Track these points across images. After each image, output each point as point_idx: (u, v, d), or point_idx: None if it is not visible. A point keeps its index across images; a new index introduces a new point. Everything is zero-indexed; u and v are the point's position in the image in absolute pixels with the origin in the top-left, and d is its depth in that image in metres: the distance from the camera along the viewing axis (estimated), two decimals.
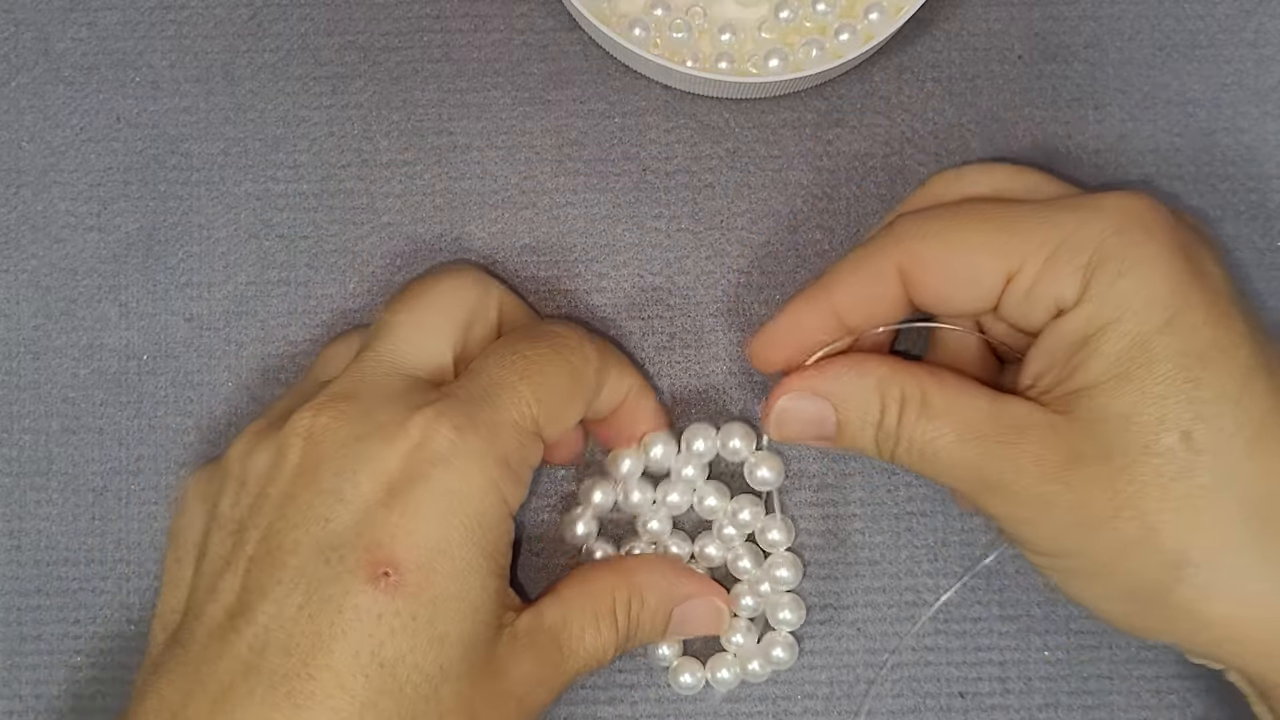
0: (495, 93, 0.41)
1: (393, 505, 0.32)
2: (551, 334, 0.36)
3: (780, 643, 0.39)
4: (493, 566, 0.33)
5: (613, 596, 0.36)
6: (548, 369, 0.35)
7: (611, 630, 0.36)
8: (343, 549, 0.32)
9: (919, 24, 0.41)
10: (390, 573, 0.32)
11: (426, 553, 0.32)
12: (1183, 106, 0.41)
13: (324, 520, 0.32)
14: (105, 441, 0.41)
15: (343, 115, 0.41)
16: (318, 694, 0.31)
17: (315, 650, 0.31)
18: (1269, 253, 0.41)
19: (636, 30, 0.39)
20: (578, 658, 0.36)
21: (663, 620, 0.38)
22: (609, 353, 0.38)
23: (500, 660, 0.33)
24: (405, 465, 0.32)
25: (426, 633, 0.32)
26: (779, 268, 0.41)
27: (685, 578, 0.38)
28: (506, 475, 0.34)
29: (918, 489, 0.40)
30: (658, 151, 0.41)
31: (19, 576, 0.40)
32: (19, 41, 0.41)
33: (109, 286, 0.41)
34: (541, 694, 0.35)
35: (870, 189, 0.41)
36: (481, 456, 0.33)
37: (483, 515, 0.33)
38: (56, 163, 0.41)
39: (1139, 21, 0.41)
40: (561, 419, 0.35)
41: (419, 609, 0.32)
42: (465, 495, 0.33)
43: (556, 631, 0.35)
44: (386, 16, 0.41)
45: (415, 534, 0.32)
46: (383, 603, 0.31)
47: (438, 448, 0.33)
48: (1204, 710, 0.40)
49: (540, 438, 0.35)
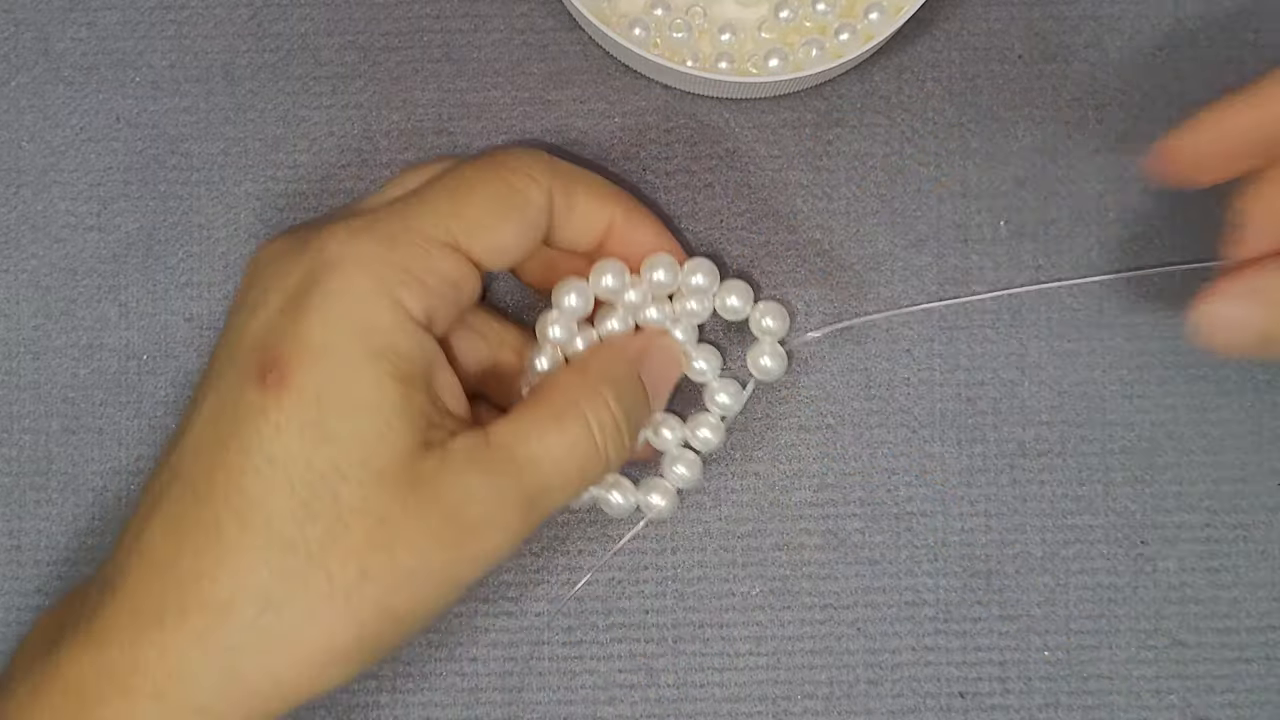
0: (495, 93, 0.41)
1: (287, 311, 0.33)
2: (496, 154, 0.36)
3: (769, 355, 0.39)
4: (389, 369, 0.33)
5: (571, 389, 0.35)
6: (476, 184, 0.35)
7: (580, 426, 0.34)
8: (242, 354, 0.33)
9: (919, 24, 0.41)
10: (275, 371, 0.32)
11: (310, 352, 0.32)
12: (1183, 106, 0.41)
13: (238, 331, 0.34)
14: (105, 441, 0.41)
15: (343, 115, 0.41)
16: (215, 492, 0.32)
17: (216, 451, 0.32)
18: None
19: (636, 30, 0.39)
20: (542, 469, 0.34)
21: (637, 385, 0.36)
22: (576, 176, 0.36)
23: (425, 475, 0.32)
24: (305, 274, 0.33)
25: (314, 431, 0.32)
26: (779, 268, 0.41)
27: (630, 339, 0.38)
28: (406, 280, 0.33)
29: (918, 489, 0.40)
30: (658, 151, 0.41)
31: (19, 576, 0.40)
32: (19, 41, 0.41)
33: (109, 286, 0.41)
34: (490, 511, 0.33)
35: (870, 189, 0.41)
36: (373, 260, 0.33)
37: (371, 316, 0.33)
38: (56, 163, 0.41)
39: (1139, 21, 0.41)
40: (493, 237, 0.34)
41: (303, 406, 0.32)
42: (351, 295, 0.33)
43: (509, 447, 0.34)
44: (386, 16, 0.41)
45: (300, 335, 0.32)
46: (269, 400, 0.32)
47: (331, 253, 0.33)
48: (1204, 710, 0.40)
49: (461, 253, 0.34)
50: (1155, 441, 0.40)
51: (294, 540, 0.32)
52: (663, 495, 0.38)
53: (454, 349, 0.37)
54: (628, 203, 0.38)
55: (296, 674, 0.32)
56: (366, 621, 0.32)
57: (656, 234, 0.38)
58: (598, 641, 0.40)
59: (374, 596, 0.32)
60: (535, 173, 0.35)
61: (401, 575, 0.32)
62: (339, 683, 0.33)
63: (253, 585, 0.32)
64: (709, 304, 0.38)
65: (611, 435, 0.35)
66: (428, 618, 0.34)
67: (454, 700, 0.40)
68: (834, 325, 0.36)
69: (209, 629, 0.31)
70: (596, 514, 0.40)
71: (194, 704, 0.31)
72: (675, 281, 0.38)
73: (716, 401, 0.39)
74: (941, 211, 0.41)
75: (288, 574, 0.32)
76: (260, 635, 0.32)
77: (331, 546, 0.32)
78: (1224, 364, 0.41)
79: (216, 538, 0.32)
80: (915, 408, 0.41)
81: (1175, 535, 0.40)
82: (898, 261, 0.41)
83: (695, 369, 0.39)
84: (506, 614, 0.41)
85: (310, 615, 0.32)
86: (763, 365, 0.39)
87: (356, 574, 0.32)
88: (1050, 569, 0.40)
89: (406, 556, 0.32)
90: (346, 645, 0.32)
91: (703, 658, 0.40)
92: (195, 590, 0.32)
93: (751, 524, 0.41)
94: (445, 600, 0.34)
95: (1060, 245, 0.41)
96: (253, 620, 0.32)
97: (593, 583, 0.40)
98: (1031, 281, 0.41)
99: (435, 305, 0.34)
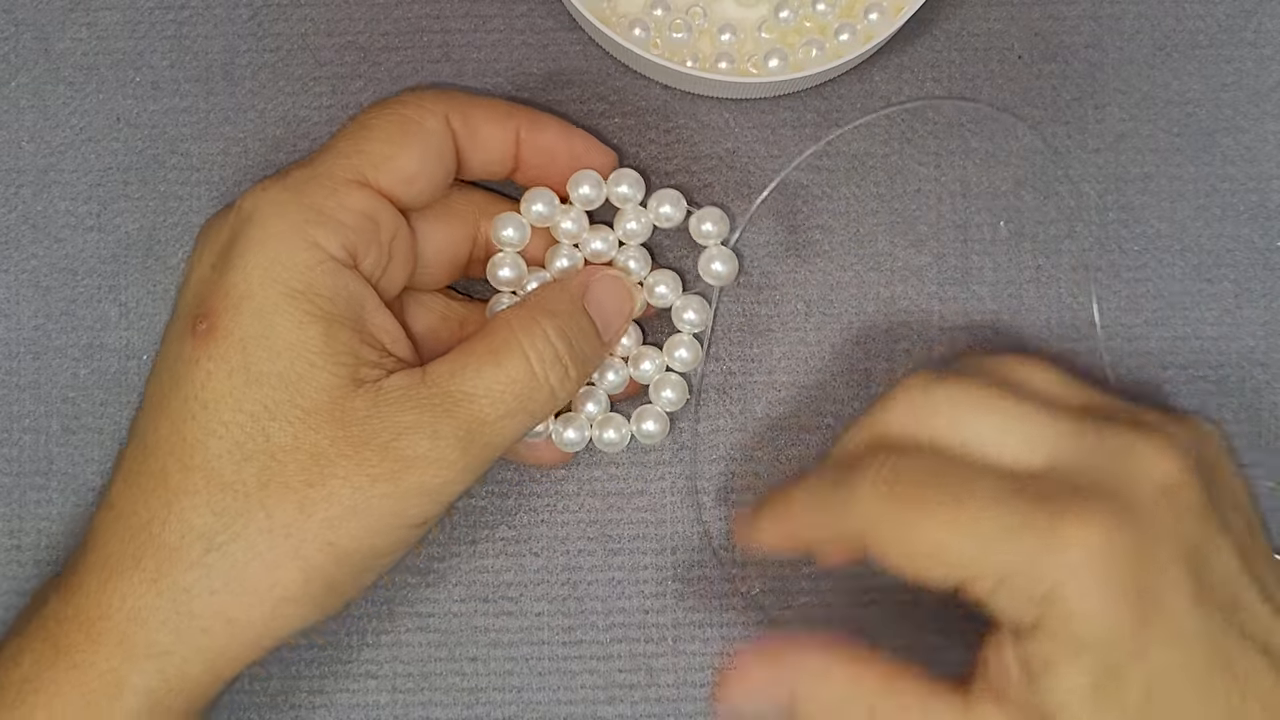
0: (495, 93, 0.41)
1: (217, 265, 0.35)
2: (394, 96, 0.37)
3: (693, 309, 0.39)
4: (309, 309, 0.34)
5: (509, 324, 0.35)
6: (372, 121, 0.36)
7: (518, 358, 0.35)
8: (180, 313, 0.35)
9: (919, 24, 0.41)
10: (205, 321, 0.34)
11: (233, 299, 0.34)
12: (1183, 106, 0.41)
13: (179, 295, 0.36)
14: (105, 441, 0.41)
15: (343, 115, 0.41)
16: (161, 442, 0.34)
17: (160, 404, 0.34)
18: (1269, 253, 0.41)
19: (636, 30, 0.39)
20: (477, 403, 0.34)
21: (580, 316, 0.37)
22: (472, 100, 0.37)
23: (356, 411, 0.33)
24: (229, 231, 0.35)
25: (242, 374, 0.33)
26: (779, 268, 0.41)
27: (573, 274, 0.38)
28: (319, 220, 0.34)
29: None
30: (657, 151, 0.41)
31: (19, 576, 0.40)
32: (19, 41, 0.41)
33: (109, 286, 0.41)
34: (425, 445, 0.33)
35: (870, 189, 0.41)
36: (284, 205, 0.34)
37: (287, 257, 0.34)
38: (56, 163, 0.41)
39: (1139, 21, 0.41)
40: (396, 167, 0.35)
41: (229, 351, 0.33)
42: (265, 240, 0.34)
43: (443, 382, 0.34)
44: (386, 16, 0.41)
45: (225, 285, 0.34)
46: (200, 349, 0.34)
47: (247, 208, 0.35)
48: None
49: (370, 188, 0.35)
50: None
51: (231, 481, 0.33)
52: (655, 420, 0.39)
53: (415, 330, 0.38)
54: (529, 114, 0.38)
55: (248, 613, 0.33)
56: (310, 556, 0.33)
57: (561, 131, 0.38)
58: (598, 641, 0.40)
59: (315, 532, 0.33)
60: (427, 102, 0.37)
61: (340, 510, 0.33)
62: (296, 625, 0.34)
63: (198, 526, 0.33)
64: (647, 219, 0.39)
65: (552, 365, 0.35)
66: (377, 555, 0.34)
67: (454, 700, 0.40)
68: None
69: (161, 572, 0.33)
70: (595, 519, 0.40)
71: (154, 647, 0.33)
72: (602, 194, 0.39)
73: (685, 319, 0.39)
74: (941, 211, 0.41)
75: (228, 513, 0.33)
76: (208, 574, 0.33)
77: (268, 484, 0.33)
78: (1224, 364, 0.41)
79: (163, 484, 0.33)
80: None
81: None
82: (898, 261, 0.41)
83: (658, 294, 0.39)
84: (506, 614, 0.41)
85: (253, 552, 0.33)
86: (714, 270, 0.39)
87: (295, 510, 0.33)
88: None
89: (344, 492, 0.33)
90: (294, 581, 0.33)
91: (703, 658, 0.40)
92: (148, 536, 0.33)
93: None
94: (395, 537, 0.34)
95: (1060, 245, 0.41)
96: (199, 559, 0.33)
97: (593, 582, 0.40)
98: (1031, 281, 0.41)
99: (354, 241, 0.35)
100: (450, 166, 0.37)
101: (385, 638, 0.40)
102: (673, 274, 0.39)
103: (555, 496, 0.41)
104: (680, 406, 0.40)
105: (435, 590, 0.40)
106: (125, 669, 0.33)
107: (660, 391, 0.39)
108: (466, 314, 0.39)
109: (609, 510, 0.41)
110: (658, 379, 0.39)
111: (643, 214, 0.39)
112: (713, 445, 0.41)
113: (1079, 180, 0.41)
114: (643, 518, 0.41)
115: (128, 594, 0.33)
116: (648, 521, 0.41)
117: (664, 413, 0.40)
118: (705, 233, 0.39)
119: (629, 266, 0.39)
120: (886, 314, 0.41)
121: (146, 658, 0.33)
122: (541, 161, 0.38)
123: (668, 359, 0.40)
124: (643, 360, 0.39)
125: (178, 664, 0.33)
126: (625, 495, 0.41)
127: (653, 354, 0.39)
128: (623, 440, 0.39)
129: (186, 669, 0.33)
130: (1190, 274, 0.41)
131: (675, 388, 0.39)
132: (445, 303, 0.39)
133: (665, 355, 0.39)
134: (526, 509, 0.41)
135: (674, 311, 0.39)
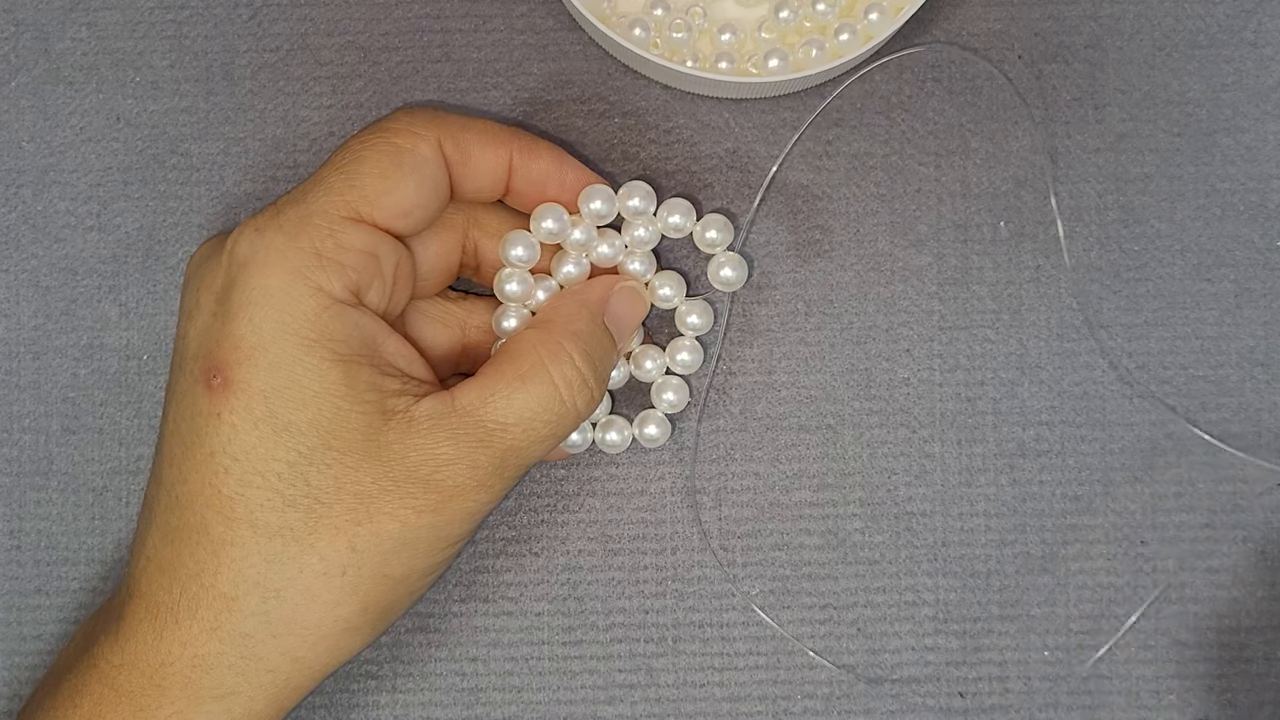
0: (495, 93, 0.41)
1: (218, 313, 0.34)
2: (381, 120, 0.36)
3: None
4: (326, 354, 0.33)
5: (535, 348, 0.35)
6: (363, 153, 0.35)
7: (546, 385, 0.35)
8: (188, 362, 0.34)
9: (919, 24, 0.41)
10: (218, 375, 0.33)
11: (244, 350, 0.33)
12: (1183, 106, 0.41)
13: (182, 338, 0.35)
14: (105, 441, 0.41)
15: (343, 115, 0.41)
16: (194, 494, 0.33)
17: (185, 457, 0.34)
18: (1269, 253, 0.41)
19: (636, 30, 0.39)
20: (511, 432, 0.35)
21: (602, 335, 0.37)
22: (463, 123, 0.37)
23: (390, 445, 0.33)
24: (225, 275, 0.34)
25: (269, 424, 0.33)
26: (779, 268, 0.41)
27: (590, 287, 0.38)
28: (319, 264, 0.34)
29: (917, 489, 0.40)
30: (658, 151, 0.41)
31: (19, 576, 0.40)
32: (19, 41, 0.41)
33: (109, 286, 0.41)
34: (465, 474, 0.34)
35: (870, 189, 0.41)
36: (282, 250, 0.34)
37: (294, 307, 0.33)
38: (56, 163, 0.41)
39: (1139, 21, 0.41)
40: (391, 200, 0.35)
41: (251, 403, 0.33)
42: (269, 290, 0.33)
43: (475, 411, 0.34)
44: (386, 16, 0.41)
45: (232, 335, 0.33)
46: (219, 403, 0.33)
47: (242, 251, 0.34)
48: (1204, 710, 0.40)
49: (366, 223, 0.35)
50: (1155, 441, 0.41)
51: (279, 528, 0.33)
52: (656, 425, 0.40)
53: (419, 340, 0.38)
54: (521, 138, 0.38)
55: (313, 651, 0.33)
56: (368, 591, 0.33)
57: (554, 160, 0.38)
58: (598, 641, 0.40)
59: (369, 567, 0.33)
60: (419, 128, 0.36)
61: (390, 544, 0.33)
62: (358, 649, 0.34)
63: (251, 576, 0.33)
64: (655, 228, 0.39)
65: (579, 390, 0.35)
66: (424, 575, 0.35)
67: (454, 700, 0.40)
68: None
69: (220, 621, 0.33)
70: (595, 519, 0.40)
71: (219, 689, 0.33)
72: (614, 210, 0.38)
73: (688, 324, 0.40)
74: (941, 211, 0.41)
75: (280, 559, 0.33)
76: (269, 621, 0.33)
77: (316, 528, 0.33)
78: (1224, 364, 0.41)
79: (205, 536, 0.33)
80: (915, 408, 0.41)
81: (1175, 535, 0.40)
82: (898, 261, 0.41)
83: (661, 296, 0.39)
84: (506, 614, 0.41)
85: (311, 596, 0.33)
86: (724, 277, 0.39)
87: (347, 550, 0.33)
88: (1050, 569, 0.40)
89: (392, 527, 0.33)
90: (354, 614, 0.34)
91: (703, 658, 0.40)
92: (200, 587, 0.33)
93: (751, 524, 0.41)
94: (441, 556, 0.35)
95: (1060, 245, 0.41)
96: (258, 608, 0.33)
97: (593, 582, 0.40)
98: (1031, 281, 0.41)
99: (356, 279, 0.34)
100: (444, 194, 0.36)
101: (385, 638, 0.40)
102: (678, 276, 0.39)
103: (555, 496, 0.41)
104: (681, 409, 0.40)
105: (435, 590, 0.40)
106: (192, 711, 0.33)
107: (661, 394, 0.39)
108: (466, 316, 0.39)
109: (609, 510, 0.41)
110: (659, 381, 0.40)
111: (652, 223, 0.39)
112: (713, 445, 0.41)
113: (1079, 180, 0.41)
114: (643, 518, 0.41)
115: (188, 642, 0.33)
116: (648, 521, 0.41)
117: (665, 417, 0.40)
118: (710, 240, 0.39)
119: (634, 268, 0.39)
120: (886, 314, 0.41)
121: (213, 699, 0.33)
122: (533, 191, 0.38)
123: (669, 361, 0.40)
124: (644, 359, 0.39)
125: (244, 702, 0.33)
126: (625, 495, 0.41)
127: (655, 354, 0.40)
128: (624, 442, 0.39)
129: (253, 706, 0.33)
130: (1190, 274, 0.41)
131: (676, 390, 0.40)
132: (443, 306, 0.39)
133: (667, 357, 0.40)
134: (526, 509, 0.41)
135: (677, 315, 0.40)
